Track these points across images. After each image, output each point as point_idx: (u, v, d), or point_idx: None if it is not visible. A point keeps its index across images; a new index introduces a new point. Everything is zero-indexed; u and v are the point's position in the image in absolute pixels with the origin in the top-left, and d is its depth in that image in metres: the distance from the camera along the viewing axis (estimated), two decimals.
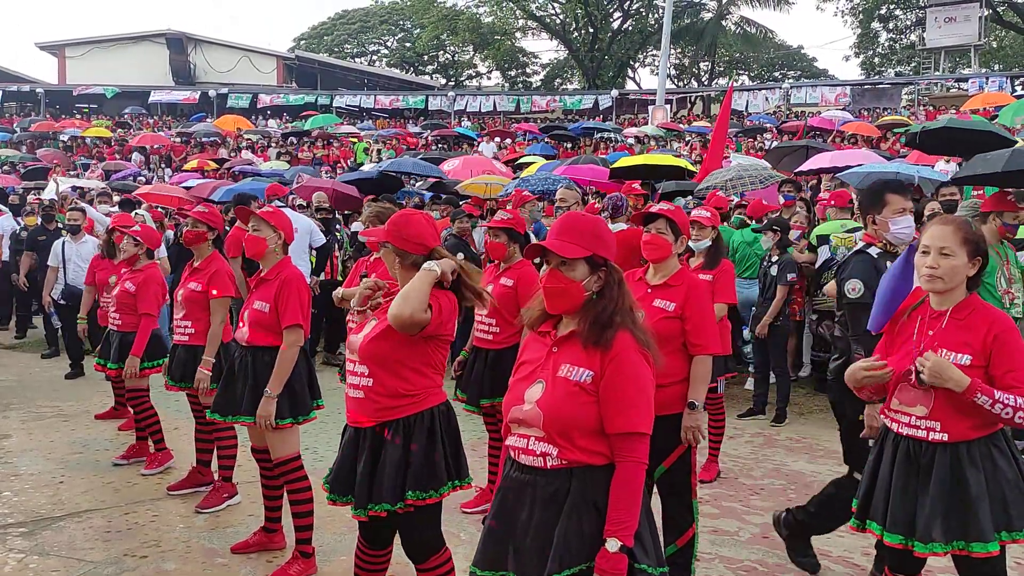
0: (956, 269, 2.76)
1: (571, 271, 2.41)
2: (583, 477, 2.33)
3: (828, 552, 4.36)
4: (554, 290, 2.42)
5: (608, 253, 2.45)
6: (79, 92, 37.50)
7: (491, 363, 4.80)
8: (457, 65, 51.82)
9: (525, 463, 2.40)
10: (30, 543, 4.48)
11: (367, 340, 3.05)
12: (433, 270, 2.97)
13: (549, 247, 2.41)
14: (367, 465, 3.06)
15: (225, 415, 4.24)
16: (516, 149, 22.14)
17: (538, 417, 2.36)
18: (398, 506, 3.03)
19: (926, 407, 2.76)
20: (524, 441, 2.40)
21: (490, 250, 4.89)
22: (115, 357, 5.69)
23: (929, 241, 2.80)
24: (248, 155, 23.20)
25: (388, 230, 3.11)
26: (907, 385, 2.81)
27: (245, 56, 41.70)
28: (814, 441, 6.49)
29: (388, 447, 3.05)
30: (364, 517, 3.07)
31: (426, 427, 3.10)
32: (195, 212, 5.19)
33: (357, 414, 3.12)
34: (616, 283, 2.44)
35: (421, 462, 3.06)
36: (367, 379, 3.06)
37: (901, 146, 18.52)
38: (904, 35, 44.63)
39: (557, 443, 2.33)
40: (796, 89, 34.01)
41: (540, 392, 2.39)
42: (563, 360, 2.41)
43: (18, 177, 20.41)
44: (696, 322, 3.66)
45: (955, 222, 2.83)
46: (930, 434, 2.75)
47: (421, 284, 2.94)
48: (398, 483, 3.03)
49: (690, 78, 49.06)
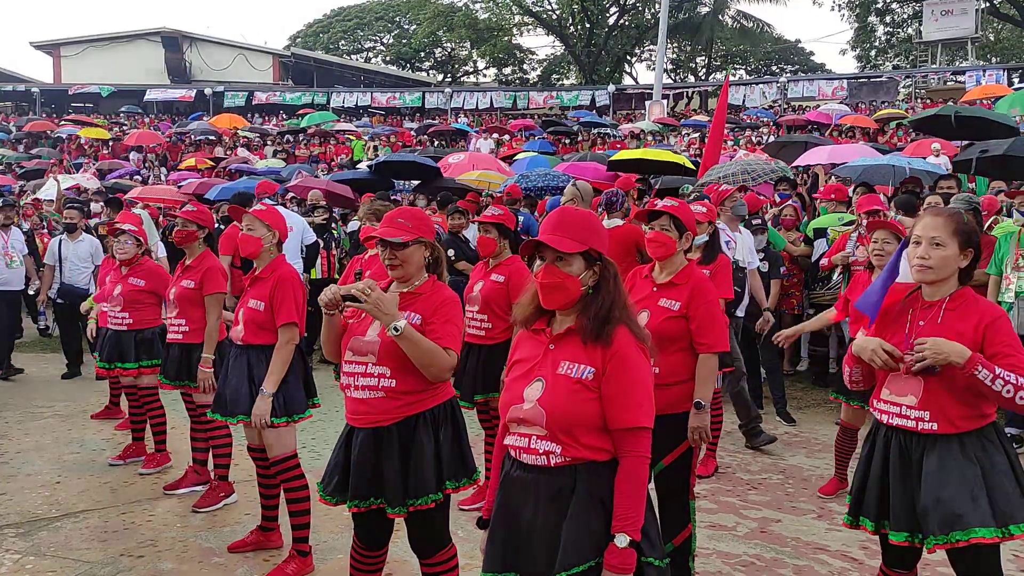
0: (947, 260, 2.75)
1: (567, 266, 2.39)
2: (587, 474, 2.31)
3: (826, 546, 4.36)
4: (550, 285, 2.39)
5: (602, 247, 2.44)
6: (74, 91, 37.43)
7: (484, 359, 4.80)
8: (454, 61, 51.73)
9: (527, 462, 2.38)
10: (26, 543, 4.47)
11: (388, 342, 2.97)
12: (401, 329, 2.85)
13: (545, 241, 2.38)
14: (397, 462, 3.03)
15: (226, 415, 4.21)
16: (513, 145, 22.09)
17: (540, 416, 2.33)
18: (438, 496, 3.04)
19: (916, 396, 2.75)
20: (525, 440, 2.37)
21: (481, 245, 4.88)
22: (130, 357, 5.58)
23: (921, 231, 2.79)
24: (244, 153, 23.15)
25: (416, 226, 3.09)
26: (898, 375, 2.80)
27: (241, 54, 41.61)
28: (811, 435, 6.49)
29: (417, 441, 3.04)
30: (404, 514, 3.04)
31: (449, 417, 3.13)
32: (183, 212, 5.17)
33: (374, 415, 3.04)
34: (612, 277, 2.43)
35: (451, 451, 3.10)
36: (388, 380, 3.01)
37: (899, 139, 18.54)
38: (901, 28, 44.60)
39: (561, 441, 2.31)
40: (793, 83, 33.97)
41: (540, 390, 2.36)
42: (562, 357, 2.38)
43: (14, 177, 20.38)
44: (701, 321, 3.62)
45: (946, 213, 2.82)
46: (919, 424, 2.74)
47: (418, 348, 2.88)
48: (436, 474, 3.05)
49: (687, 73, 49.01)
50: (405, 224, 3.08)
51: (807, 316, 8.11)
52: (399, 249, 3.05)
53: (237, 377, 4.15)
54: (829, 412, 7.16)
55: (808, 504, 5.02)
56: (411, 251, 3.07)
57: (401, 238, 3.04)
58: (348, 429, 3.16)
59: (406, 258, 3.07)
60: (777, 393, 6.92)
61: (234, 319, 4.23)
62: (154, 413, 5.73)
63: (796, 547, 4.39)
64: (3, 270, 8.74)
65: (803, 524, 4.71)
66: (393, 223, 3.09)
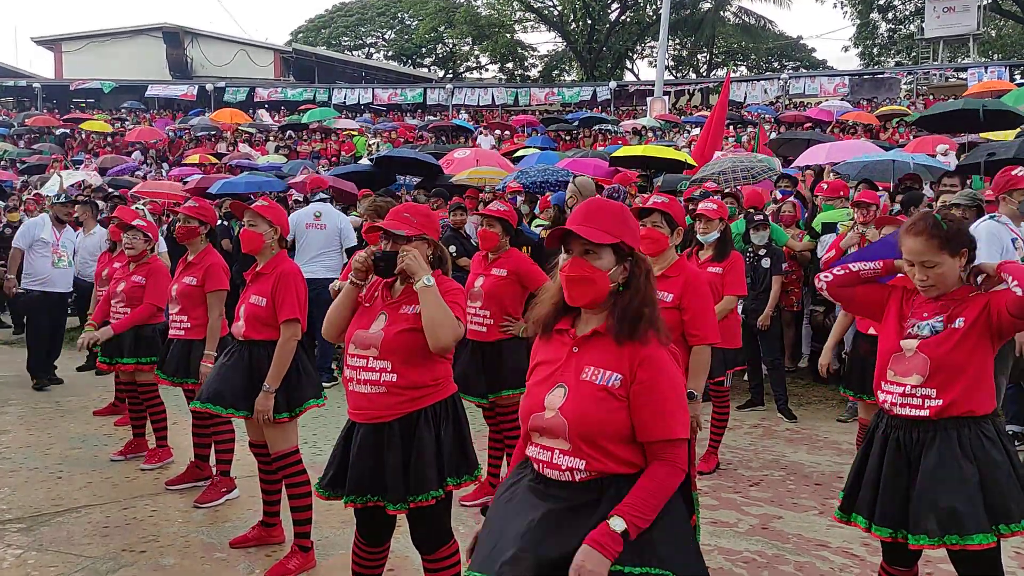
0: (945, 275, 2.77)
1: (596, 259, 2.22)
2: (614, 488, 2.14)
3: (827, 543, 4.37)
4: (577, 278, 2.22)
5: (635, 242, 2.30)
6: (76, 87, 37.44)
7: (489, 358, 4.78)
8: (455, 57, 51.68)
9: (550, 477, 2.21)
10: (28, 539, 4.48)
11: (390, 336, 2.99)
12: (431, 284, 2.93)
13: (575, 231, 2.21)
14: (398, 458, 3.02)
15: (216, 405, 4.16)
16: (515, 141, 22.08)
17: (563, 426, 2.17)
18: (439, 493, 3.02)
19: (922, 375, 2.75)
20: (548, 454, 2.21)
21: (482, 238, 4.88)
22: (129, 352, 5.63)
23: (911, 256, 2.78)
24: (246, 148, 23.13)
25: (422, 223, 3.10)
26: (902, 355, 2.81)
27: (242, 50, 41.57)
28: (813, 432, 6.49)
29: (419, 437, 3.03)
30: (405, 510, 3.03)
31: (451, 413, 3.12)
32: (186, 208, 5.16)
33: (375, 410, 3.03)
34: (644, 274, 2.27)
35: (452, 448, 3.08)
36: (390, 374, 3.00)
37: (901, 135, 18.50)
38: (903, 25, 44.52)
39: (585, 454, 2.15)
40: (795, 80, 33.93)
41: (563, 398, 2.20)
42: (586, 362, 2.21)
43: (16, 173, 20.39)
44: (694, 313, 3.67)
45: (926, 230, 2.74)
46: (926, 401, 2.74)
47: (439, 306, 2.92)
48: (438, 470, 3.03)
49: (688, 69, 48.94)
50: (411, 219, 3.09)
51: (809, 312, 8.13)
52: (402, 243, 3.05)
53: (238, 372, 4.15)
54: (830, 408, 7.16)
55: (810, 500, 5.02)
56: (414, 246, 3.07)
57: (404, 231, 3.05)
58: (349, 424, 3.16)
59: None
60: (779, 390, 6.92)
61: (235, 314, 4.23)
62: (154, 409, 5.74)
63: (798, 543, 4.39)
64: (47, 268, 8.02)
65: (805, 520, 4.71)
66: (399, 217, 3.10)
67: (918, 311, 2.83)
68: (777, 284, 6.88)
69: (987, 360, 2.76)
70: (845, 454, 5.84)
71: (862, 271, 2.97)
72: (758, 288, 6.92)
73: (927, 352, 2.75)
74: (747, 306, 6.93)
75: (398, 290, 3.14)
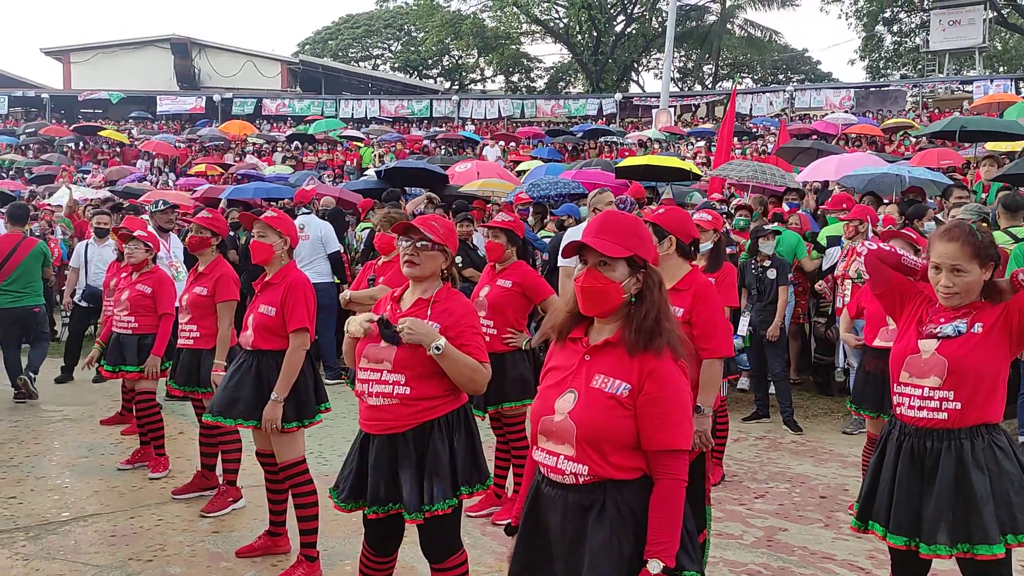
0: (971, 284, 2.76)
1: (610, 271, 2.29)
2: (615, 491, 2.24)
3: (833, 555, 4.36)
4: (592, 290, 2.30)
5: (648, 255, 2.36)
6: (84, 97, 37.70)
7: (494, 369, 4.78)
8: (461, 69, 51.88)
9: (555, 480, 2.32)
10: (36, 547, 4.50)
11: (403, 351, 3.02)
12: (442, 348, 2.96)
13: (590, 244, 2.29)
14: (413, 468, 3.05)
15: (227, 417, 4.20)
16: (521, 153, 22.16)
17: (571, 430, 2.26)
18: (454, 501, 3.05)
19: (940, 377, 2.75)
20: (553, 459, 2.30)
21: (489, 250, 4.90)
22: (132, 360, 5.65)
23: (939, 259, 2.77)
24: (252, 159, 23.25)
25: (446, 235, 3.15)
26: (918, 357, 2.81)
27: (249, 61, 41.82)
28: (818, 444, 6.49)
29: (433, 447, 3.06)
30: (421, 520, 3.05)
31: (463, 423, 3.16)
32: (199, 218, 5.20)
33: (388, 421, 3.06)
34: (656, 286, 2.33)
35: (465, 457, 3.12)
36: (403, 387, 3.04)
37: (906, 148, 18.53)
38: (909, 38, 44.59)
39: (589, 458, 2.24)
40: (800, 92, 34.01)
41: (572, 403, 2.28)
42: (597, 370, 2.29)
43: (24, 183, 20.51)
44: (705, 326, 3.64)
45: (961, 236, 2.75)
46: (943, 404, 2.73)
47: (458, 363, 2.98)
48: (452, 479, 3.06)
49: (694, 81, 49.05)
50: (437, 229, 3.14)
51: (814, 324, 8.12)
52: (424, 249, 3.10)
53: (247, 382, 4.16)
54: (836, 421, 7.15)
55: (815, 513, 5.02)
56: (433, 255, 3.11)
57: (433, 236, 3.10)
58: (362, 435, 3.19)
59: (426, 259, 3.11)
60: (784, 402, 6.91)
61: (244, 324, 4.25)
62: (151, 418, 5.72)
63: (803, 556, 4.38)
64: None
65: (810, 533, 4.71)
66: (427, 224, 3.14)
67: (935, 318, 2.83)
68: (784, 295, 6.88)
69: (1004, 367, 2.76)
70: (851, 466, 5.84)
71: (905, 259, 3.00)
72: (765, 300, 6.92)
73: (947, 353, 2.74)
74: (754, 318, 6.93)
75: (408, 302, 3.17)
